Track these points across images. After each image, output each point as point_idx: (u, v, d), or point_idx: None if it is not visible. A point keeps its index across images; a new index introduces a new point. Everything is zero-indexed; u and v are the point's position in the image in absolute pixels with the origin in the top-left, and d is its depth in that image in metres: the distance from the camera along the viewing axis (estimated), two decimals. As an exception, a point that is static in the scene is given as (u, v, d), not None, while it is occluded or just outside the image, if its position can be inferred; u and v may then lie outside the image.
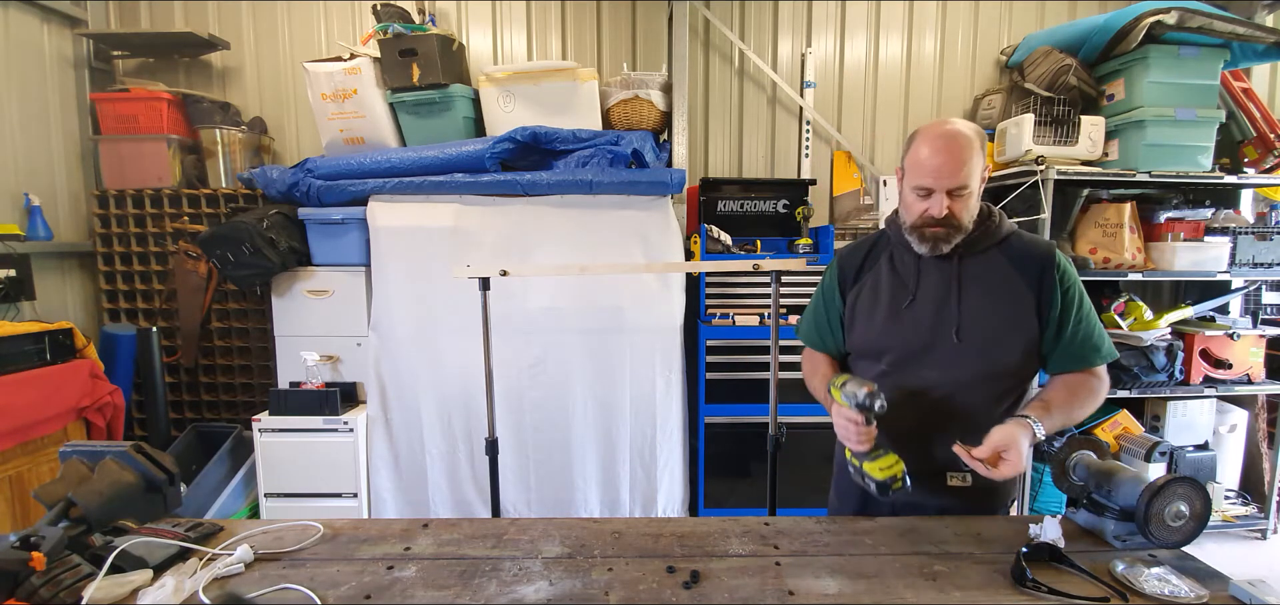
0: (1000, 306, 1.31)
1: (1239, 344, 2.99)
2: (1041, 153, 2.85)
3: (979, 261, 1.34)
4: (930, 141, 1.26)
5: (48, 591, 0.97)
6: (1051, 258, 1.32)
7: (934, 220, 1.28)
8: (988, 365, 1.31)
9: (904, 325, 1.36)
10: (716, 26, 3.40)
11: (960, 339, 1.31)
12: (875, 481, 1.23)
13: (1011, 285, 1.31)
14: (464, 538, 1.28)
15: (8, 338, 2.34)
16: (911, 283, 1.37)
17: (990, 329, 1.31)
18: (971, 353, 1.30)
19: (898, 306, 1.37)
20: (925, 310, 1.35)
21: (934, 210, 1.27)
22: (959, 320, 1.31)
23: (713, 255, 2.91)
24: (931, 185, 1.26)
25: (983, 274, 1.33)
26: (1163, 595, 1.04)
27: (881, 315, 1.39)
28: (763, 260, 2.13)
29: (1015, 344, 1.31)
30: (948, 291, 1.33)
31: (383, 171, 2.80)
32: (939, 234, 1.30)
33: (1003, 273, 1.32)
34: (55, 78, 3.07)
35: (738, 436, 2.92)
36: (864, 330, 1.43)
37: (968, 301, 1.32)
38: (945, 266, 1.35)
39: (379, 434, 2.87)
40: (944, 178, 1.25)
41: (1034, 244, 1.35)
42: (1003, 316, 1.31)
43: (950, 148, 1.24)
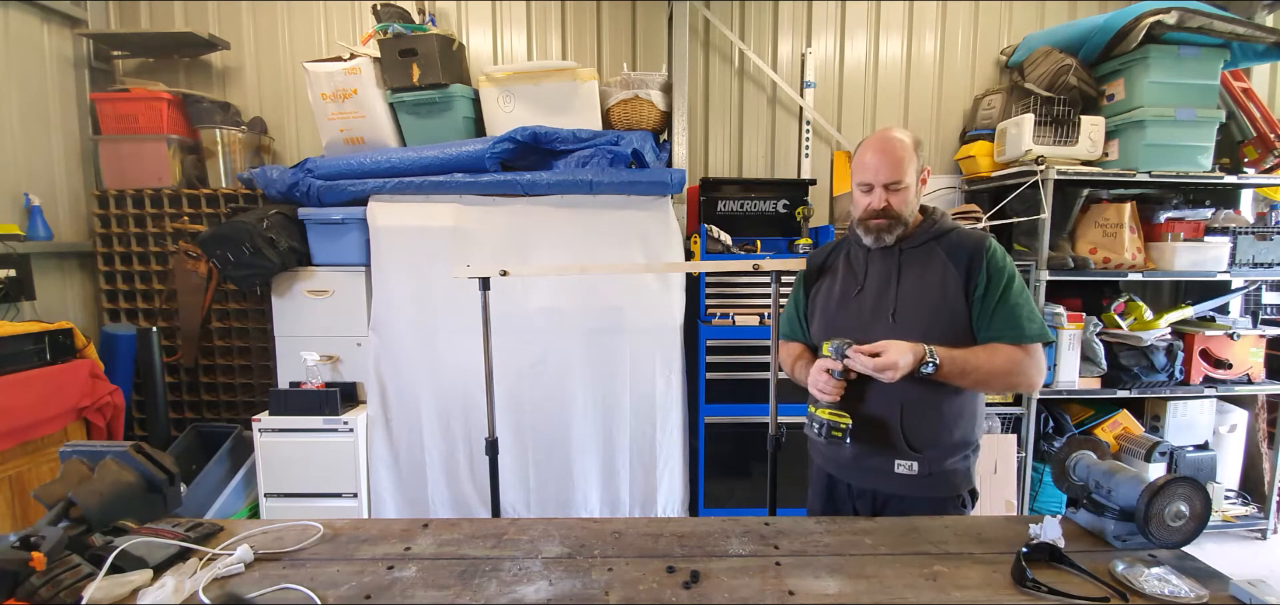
0: (931, 291, 1.45)
1: (1239, 344, 2.99)
2: (1041, 153, 2.85)
3: (918, 253, 1.49)
4: (870, 145, 1.47)
5: (48, 591, 0.98)
6: (981, 245, 1.46)
7: (874, 211, 1.46)
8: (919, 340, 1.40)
9: (851, 312, 1.53)
10: (716, 26, 3.40)
11: (895, 320, 1.45)
12: (820, 422, 1.40)
13: (943, 272, 1.45)
14: (464, 538, 1.28)
15: (8, 338, 2.34)
16: (860, 274, 1.55)
17: (922, 310, 1.45)
18: (906, 333, 1.41)
19: (848, 296, 1.55)
20: (869, 298, 1.51)
21: (874, 203, 1.46)
22: (895, 304, 1.47)
23: (713, 255, 2.91)
24: (871, 181, 1.45)
25: (919, 264, 1.48)
26: (1163, 595, 1.04)
27: (835, 304, 1.57)
28: (763, 260, 2.13)
29: (944, 323, 1.44)
30: (888, 280, 1.50)
31: (383, 171, 2.80)
32: (881, 225, 1.47)
33: (938, 262, 1.47)
34: (55, 78, 3.07)
35: (738, 436, 2.92)
36: (820, 319, 1.61)
37: (904, 288, 1.48)
38: (888, 258, 1.51)
39: (379, 434, 2.87)
40: (881, 174, 1.44)
41: (969, 235, 1.48)
42: (933, 299, 1.45)
43: (886, 149, 1.44)
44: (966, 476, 1.50)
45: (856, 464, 1.52)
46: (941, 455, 1.46)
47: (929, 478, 1.46)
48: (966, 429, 1.49)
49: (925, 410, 1.44)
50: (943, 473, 1.47)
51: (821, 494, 1.64)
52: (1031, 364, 1.42)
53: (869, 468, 1.50)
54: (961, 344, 1.42)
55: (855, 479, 1.55)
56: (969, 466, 1.51)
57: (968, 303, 1.43)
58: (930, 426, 1.45)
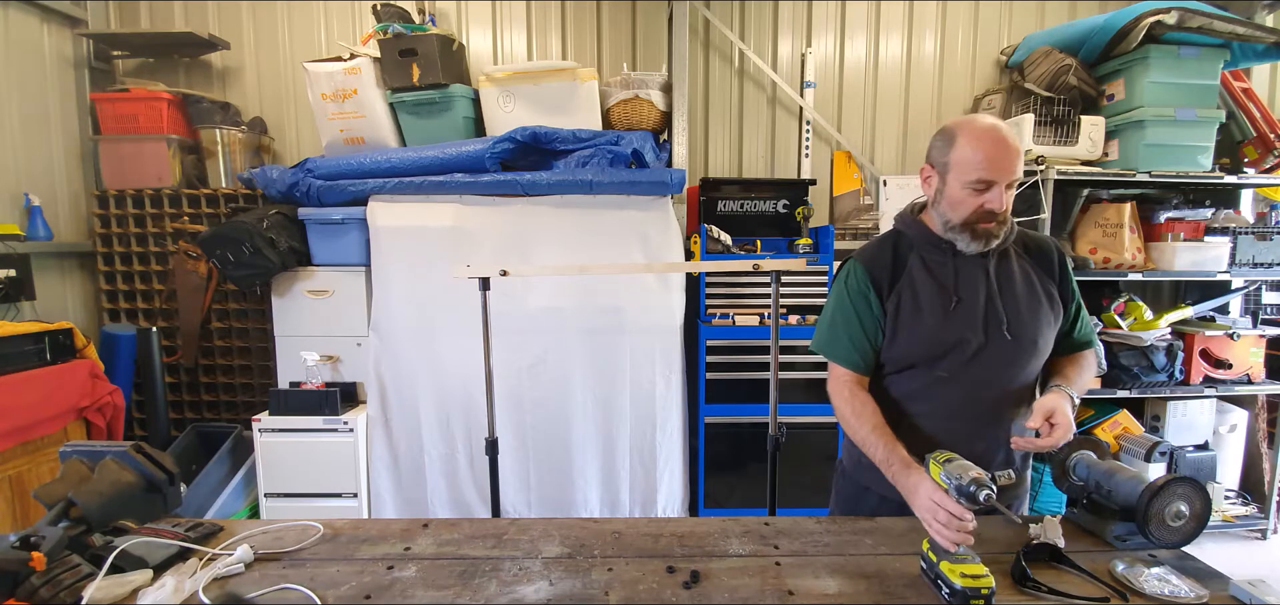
0: (1031, 297, 1.35)
1: (1239, 344, 2.99)
2: (1041, 153, 2.85)
3: (1004, 262, 1.36)
4: (986, 136, 1.25)
5: (48, 591, 0.97)
6: (1061, 252, 1.41)
7: (994, 214, 1.26)
8: (1033, 357, 1.35)
9: (956, 326, 1.32)
10: (716, 26, 3.40)
11: (1011, 335, 1.31)
12: (953, 587, 1.01)
13: (1031, 279, 1.36)
14: (464, 538, 1.28)
15: (8, 338, 2.34)
16: (951, 284, 1.34)
17: (1033, 322, 1.34)
18: (1022, 347, 1.33)
19: (945, 309, 1.33)
20: (973, 311, 1.32)
21: (995, 204, 1.25)
22: (1006, 317, 1.32)
23: (713, 255, 2.91)
24: (993, 178, 1.24)
25: (1008, 272, 1.35)
26: (1163, 595, 1.04)
27: (930, 319, 1.33)
28: (763, 260, 2.13)
29: (1051, 332, 1.37)
30: (988, 290, 1.33)
31: (383, 171, 2.80)
32: (992, 229, 1.29)
33: (1023, 269, 1.37)
34: (55, 78, 3.07)
35: (738, 436, 2.92)
36: (910, 337, 1.35)
37: (1008, 300, 1.33)
38: (978, 267, 1.34)
39: (379, 434, 2.87)
40: (1005, 171, 1.24)
41: (1042, 241, 1.41)
42: (1035, 307, 1.35)
43: (1006, 141, 1.24)
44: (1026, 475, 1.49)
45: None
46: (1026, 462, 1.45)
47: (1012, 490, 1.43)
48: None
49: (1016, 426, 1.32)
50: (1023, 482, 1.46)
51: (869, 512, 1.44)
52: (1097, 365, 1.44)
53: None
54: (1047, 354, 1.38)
55: None
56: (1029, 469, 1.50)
57: (1065, 312, 1.38)
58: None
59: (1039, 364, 1.38)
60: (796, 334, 2.82)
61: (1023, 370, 1.34)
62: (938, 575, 1.06)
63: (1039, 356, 1.36)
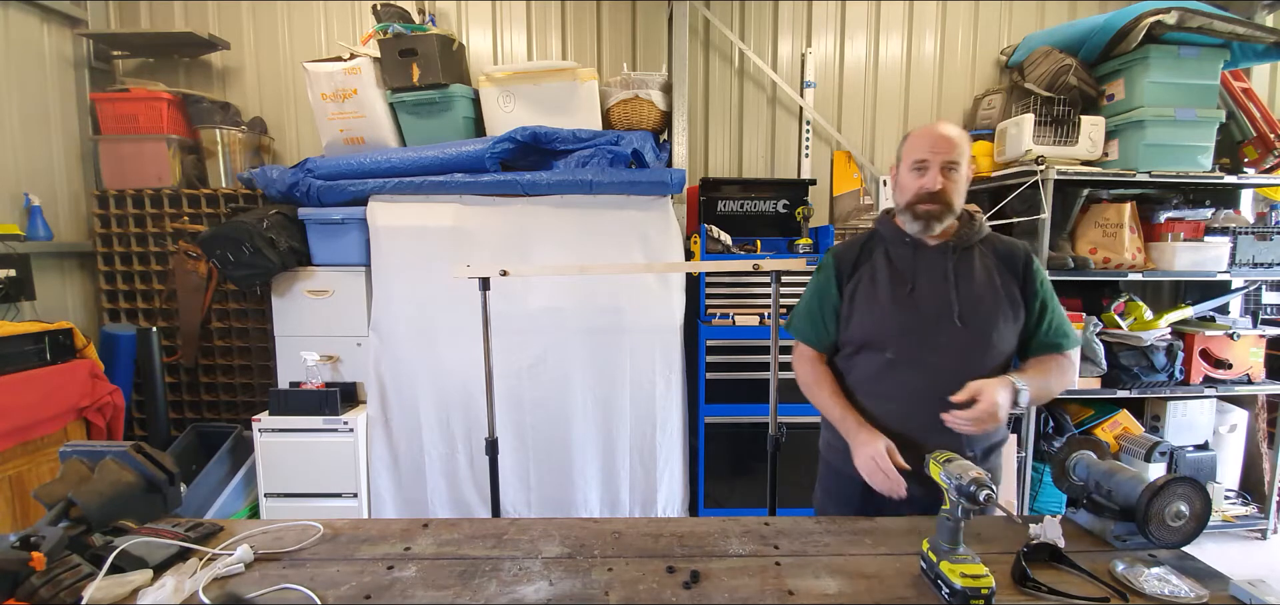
0: (993, 294, 1.43)
1: (1239, 344, 2.99)
2: (1041, 153, 2.85)
3: (966, 257, 1.45)
4: (925, 128, 1.43)
5: (48, 591, 0.98)
6: (1029, 256, 1.47)
7: (929, 193, 1.39)
8: (986, 349, 1.41)
9: (906, 312, 1.43)
10: (716, 26, 3.40)
11: (963, 323, 1.40)
12: (952, 587, 1.02)
13: (994, 277, 1.44)
14: (464, 538, 1.28)
15: (8, 338, 2.34)
16: (909, 273, 1.46)
17: (988, 314, 1.42)
18: (972, 336, 1.40)
19: (899, 295, 1.45)
20: (926, 297, 1.43)
21: (929, 183, 1.39)
22: (959, 306, 1.41)
23: (713, 255, 2.91)
24: (927, 157, 1.39)
25: (971, 268, 1.45)
26: (1163, 595, 1.04)
27: (883, 304, 1.46)
28: (763, 260, 2.13)
29: (1009, 329, 1.43)
30: (944, 280, 1.43)
31: (383, 171, 2.80)
32: (932, 210, 1.41)
33: (987, 267, 1.45)
34: (55, 78, 3.07)
35: (738, 436, 2.92)
36: (864, 320, 1.49)
37: (963, 290, 1.42)
38: (939, 259, 1.45)
39: (379, 434, 2.87)
40: (939, 151, 1.39)
41: (1012, 244, 1.49)
42: (997, 303, 1.42)
43: (944, 131, 1.41)
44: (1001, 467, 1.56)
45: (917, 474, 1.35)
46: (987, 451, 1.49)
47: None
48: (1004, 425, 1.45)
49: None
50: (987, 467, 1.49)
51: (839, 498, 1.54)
52: (1074, 370, 1.49)
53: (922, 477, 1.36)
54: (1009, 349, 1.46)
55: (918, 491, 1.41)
56: (1000, 463, 1.55)
57: (1026, 311, 1.45)
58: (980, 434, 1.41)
59: (994, 359, 1.43)
60: (796, 334, 2.81)
61: (973, 361, 1.40)
62: (938, 575, 1.06)
63: (992, 351, 1.42)
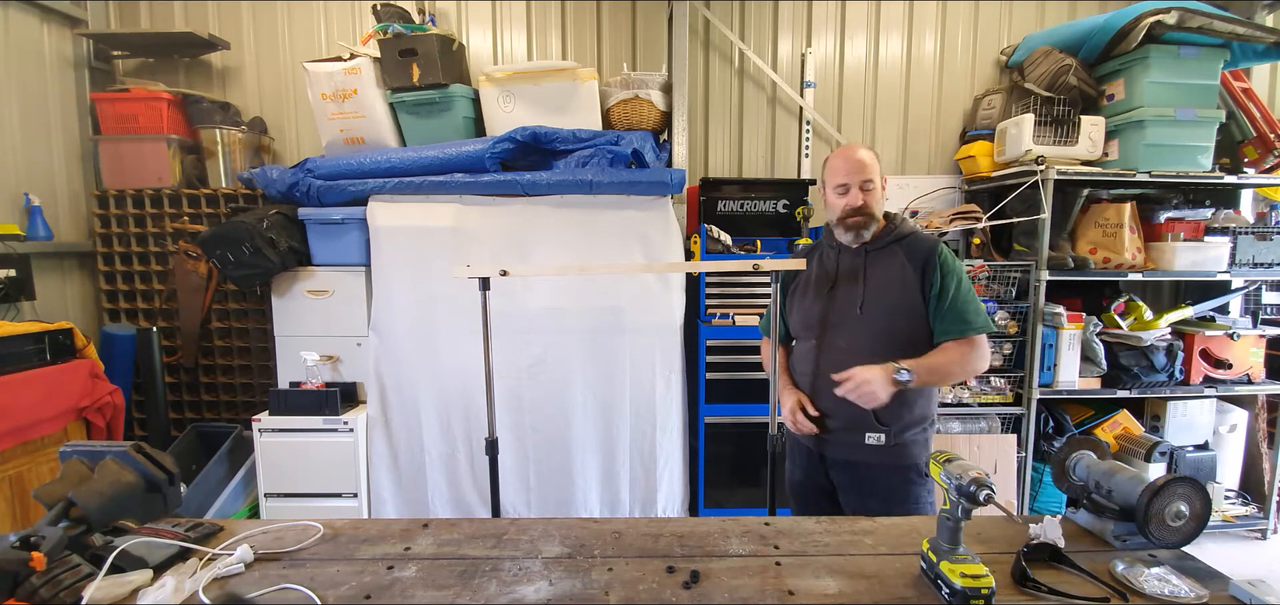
0: (892, 287, 1.67)
1: (1239, 344, 2.99)
2: (1041, 153, 2.85)
3: (882, 254, 1.71)
4: (839, 154, 1.73)
5: (48, 591, 0.98)
6: (932, 251, 1.67)
7: (853, 209, 1.68)
8: (884, 333, 1.66)
9: (823, 304, 1.76)
10: (716, 26, 3.40)
11: (862, 313, 1.68)
12: (952, 587, 1.02)
13: (903, 271, 1.67)
14: (464, 538, 1.28)
15: (8, 338, 2.34)
16: (832, 271, 1.77)
17: (886, 305, 1.67)
18: (871, 322, 1.67)
19: (820, 290, 1.78)
20: (842, 293, 1.73)
21: (852, 200, 1.67)
22: (862, 298, 1.69)
23: (713, 255, 2.91)
24: (847, 181, 1.68)
25: (883, 263, 1.70)
26: (1163, 595, 1.04)
27: (809, 298, 1.80)
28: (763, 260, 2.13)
29: (903, 315, 1.66)
30: (855, 277, 1.72)
31: (383, 171, 2.80)
32: (858, 221, 1.68)
33: (898, 262, 1.68)
34: (55, 78, 3.07)
35: (737, 436, 2.92)
36: (798, 311, 1.84)
37: (871, 284, 1.70)
38: (856, 257, 1.73)
39: (379, 434, 2.87)
40: (856, 174, 1.67)
41: (923, 239, 1.70)
42: (894, 295, 1.67)
43: (859, 156, 1.68)
44: (924, 447, 1.72)
45: (835, 438, 1.73)
46: (903, 429, 1.68)
47: (893, 448, 1.68)
48: (924, 407, 1.71)
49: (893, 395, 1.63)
50: (903, 444, 1.68)
51: (801, 465, 1.85)
52: (976, 354, 1.64)
53: (846, 441, 1.71)
54: (919, 336, 1.66)
55: (833, 452, 1.75)
56: (927, 438, 1.73)
57: (924, 299, 1.65)
58: (895, 406, 1.62)
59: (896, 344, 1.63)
60: (796, 334, 2.81)
61: (876, 346, 1.63)
62: (938, 575, 1.06)
63: (893, 337, 1.65)
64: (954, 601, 1.02)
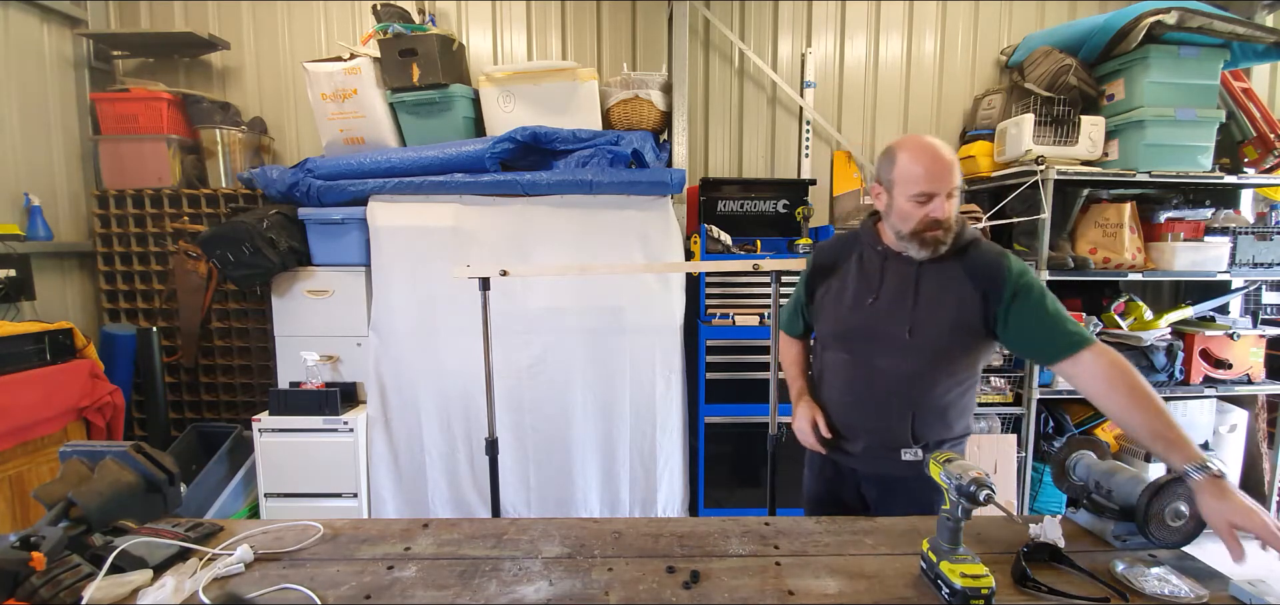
0: (948, 309, 1.43)
1: (1239, 344, 2.99)
2: (1041, 153, 2.85)
3: (935, 268, 1.45)
4: (925, 151, 1.38)
5: (48, 591, 0.98)
6: (999, 267, 1.41)
7: (938, 222, 1.37)
8: (934, 359, 1.45)
9: (865, 318, 1.50)
10: (716, 26, 3.40)
11: (912, 336, 1.44)
12: (952, 587, 1.02)
13: (962, 289, 1.42)
14: (464, 538, 1.28)
15: (8, 338, 2.34)
16: (875, 282, 1.51)
17: (940, 329, 1.43)
18: (920, 349, 1.44)
19: (861, 301, 1.52)
20: (887, 307, 1.48)
21: (937, 213, 1.36)
22: (912, 320, 1.44)
23: (713, 255, 2.91)
24: (933, 190, 1.36)
25: (938, 280, 1.45)
26: (1163, 595, 1.04)
27: (846, 308, 1.55)
28: (763, 260, 2.13)
29: (959, 342, 1.44)
30: (904, 292, 1.47)
31: (383, 171, 2.80)
32: (939, 236, 1.39)
33: (956, 279, 1.43)
34: (55, 78, 3.07)
35: (738, 436, 2.92)
36: (831, 318, 1.59)
37: (922, 303, 1.44)
38: (906, 270, 1.47)
39: (379, 434, 2.87)
40: (944, 182, 1.36)
41: (987, 254, 1.44)
42: (950, 317, 1.43)
43: (944, 156, 1.37)
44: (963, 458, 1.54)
45: (868, 453, 1.54)
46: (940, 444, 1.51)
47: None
48: (964, 423, 1.53)
49: (933, 415, 1.48)
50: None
51: (825, 479, 1.65)
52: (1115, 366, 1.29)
53: (880, 457, 1.53)
54: (973, 364, 1.47)
55: (865, 467, 1.57)
56: (962, 451, 1.55)
57: (986, 325, 1.42)
58: (935, 424, 1.48)
59: (944, 374, 1.45)
60: (796, 334, 2.81)
61: (920, 373, 1.45)
62: (938, 575, 1.06)
63: (940, 364, 1.45)
64: (954, 601, 1.02)
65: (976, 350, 1.47)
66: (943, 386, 1.47)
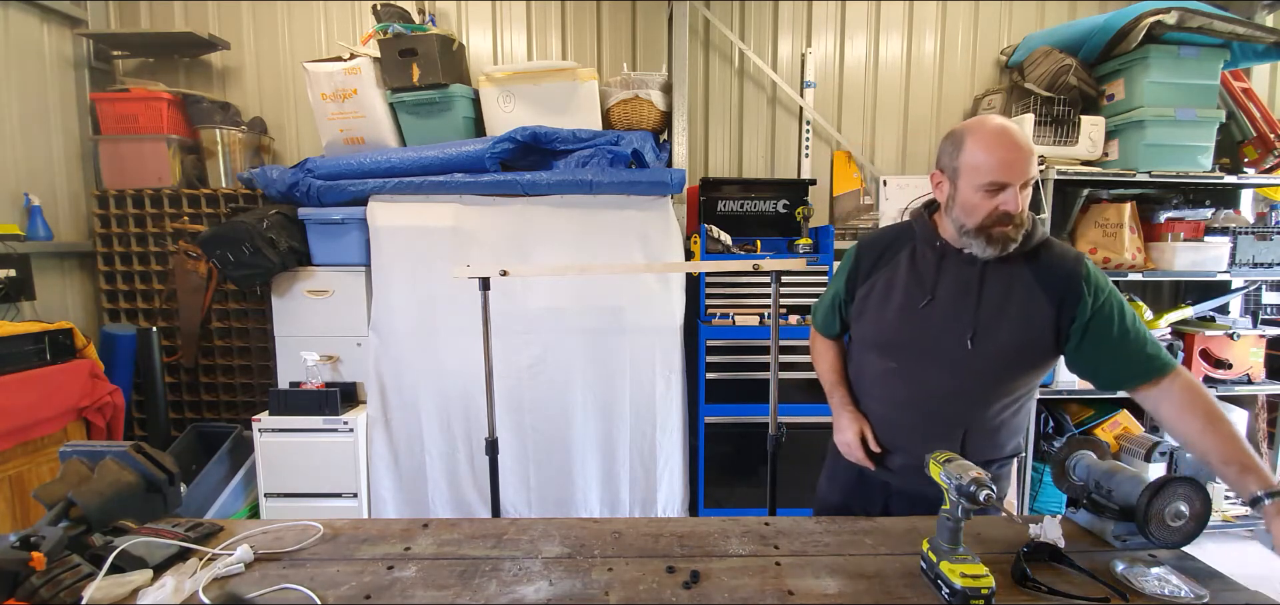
0: (1016, 319, 1.28)
1: (1239, 344, 2.99)
2: (1041, 153, 2.85)
3: (1002, 269, 1.30)
4: (997, 138, 1.22)
5: (48, 591, 0.97)
6: (1076, 272, 1.26)
7: (1010, 217, 1.23)
8: (996, 376, 1.31)
9: (917, 324, 1.34)
10: (716, 26, 3.40)
11: (973, 346, 1.29)
12: (952, 587, 1.02)
13: (1032, 298, 1.27)
14: (464, 538, 1.28)
15: (8, 338, 2.34)
16: (929, 282, 1.34)
17: (1004, 341, 1.28)
18: (981, 362, 1.29)
19: (913, 304, 1.35)
20: (943, 312, 1.32)
21: (1010, 205, 1.21)
22: (974, 327, 1.29)
23: (713, 255, 2.91)
24: (1006, 180, 1.21)
25: (1004, 282, 1.29)
26: (1163, 595, 1.04)
27: (894, 313, 1.38)
28: (763, 260, 2.13)
29: (1026, 359, 1.30)
30: (965, 295, 1.31)
31: (383, 171, 2.80)
32: (1009, 232, 1.24)
33: (1025, 284, 1.28)
34: (55, 78, 3.07)
35: (738, 436, 2.92)
36: (875, 323, 1.42)
37: (986, 310, 1.29)
38: (967, 270, 1.31)
39: (379, 434, 2.87)
40: (1018, 172, 1.21)
41: (1062, 256, 1.29)
42: (1018, 330, 1.28)
43: (1019, 142, 1.21)
44: (1007, 479, 1.44)
45: (906, 469, 1.41)
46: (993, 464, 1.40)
47: None
48: (1015, 443, 1.42)
49: (985, 435, 1.36)
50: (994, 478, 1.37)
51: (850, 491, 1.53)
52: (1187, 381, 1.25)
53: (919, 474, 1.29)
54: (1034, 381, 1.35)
55: (899, 481, 1.44)
56: (1008, 472, 1.44)
57: (1057, 341, 1.28)
58: (986, 445, 1.37)
59: (1006, 390, 1.32)
60: (797, 334, 2.82)
61: (982, 389, 1.32)
62: (938, 575, 1.06)
63: (1004, 380, 1.31)
64: (954, 601, 1.01)
65: (1042, 367, 1.33)
66: (999, 405, 1.34)
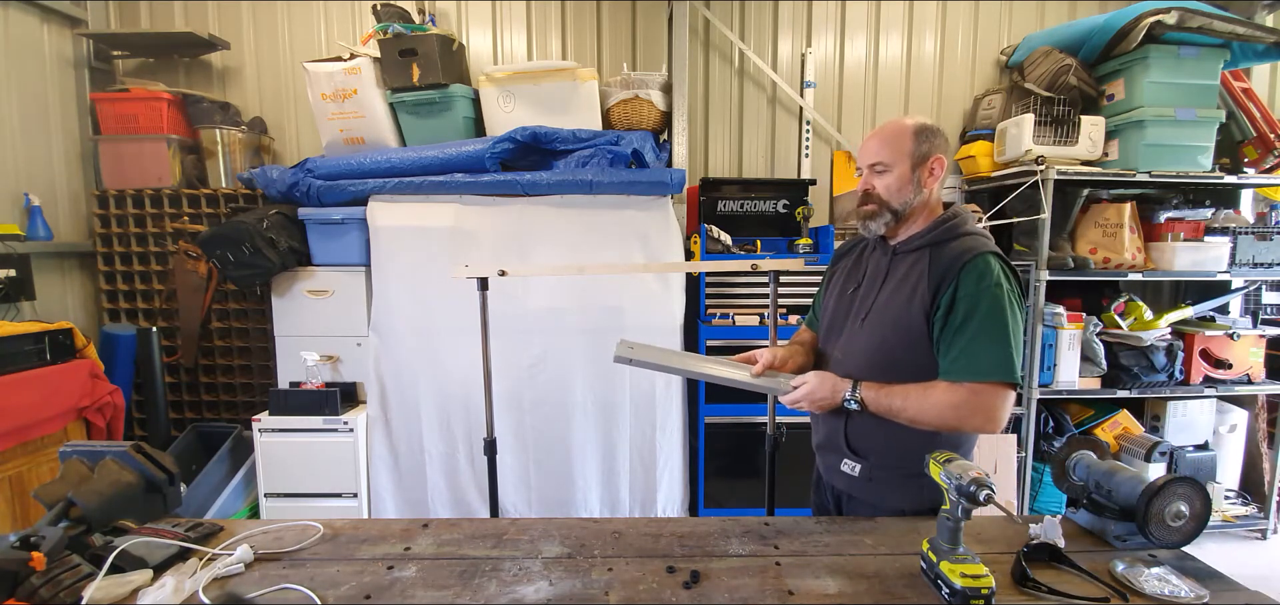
0: (901, 301, 1.36)
1: (1239, 344, 2.99)
2: (1041, 153, 2.85)
3: (909, 257, 1.41)
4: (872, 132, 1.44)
5: (48, 591, 0.98)
6: (961, 262, 1.29)
7: (867, 195, 1.41)
8: (877, 353, 1.39)
9: (842, 310, 1.50)
10: (716, 26, 3.40)
11: (862, 325, 1.42)
12: (952, 587, 1.02)
13: (920, 281, 1.34)
14: (464, 538, 1.28)
15: (8, 338, 2.34)
16: (859, 273, 1.51)
17: (886, 320, 1.38)
18: (869, 337, 1.40)
19: (846, 291, 1.51)
20: (857, 295, 1.47)
21: (863, 185, 1.42)
22: (870, 308, 1.42)
23: (713, 255, 2.91)
24: (859, 163, 1.44)
25: (907, 268, 1.40)
26: (1163, 595, 1.04)
27: (833, 299, 1.55)
28: (762, 260, 2.13)
29: (901, 337, 1.36)
30: (876, 280, 1.44)
31: (383, 171, 2.80)
32: (867, 211, 1.41)
33: (920, 270, 1.36)
34: (55, 78, 3.07)
35: (738, 436, 2.92)
36: (824, 311, 1.59)
37: (885, 292, 1.41)
38: (883, 259, 1.45)
39: (379, 434, 2.87)
40: (866, 155, 1.41)
41: (957, 248, 1.32)
42: (899, 310, 1.36)
43: (877, 131, 1.41)
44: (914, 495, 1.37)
45: (821, 456, 1.56)
46: (884, 465, 1.40)
47: (871, 483, 1.41)
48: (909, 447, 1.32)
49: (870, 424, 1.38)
50: (884, 481, 1.40)
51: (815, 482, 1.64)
52: (977, 405, 1.24)
53: (829, 464, 1.51)
54: (922, 365, 1.32)
55: (824, 472, 1.56)
56: (920, 488, 1.35)
57: (927, 322, 1.31)
58: (874, 437, 1.39)
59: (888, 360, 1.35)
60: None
61: (866, 365, 1.38)
62: (938, 575, 1.06)
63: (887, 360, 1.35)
64: (954, 601, 1.02)
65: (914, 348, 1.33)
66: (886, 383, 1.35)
